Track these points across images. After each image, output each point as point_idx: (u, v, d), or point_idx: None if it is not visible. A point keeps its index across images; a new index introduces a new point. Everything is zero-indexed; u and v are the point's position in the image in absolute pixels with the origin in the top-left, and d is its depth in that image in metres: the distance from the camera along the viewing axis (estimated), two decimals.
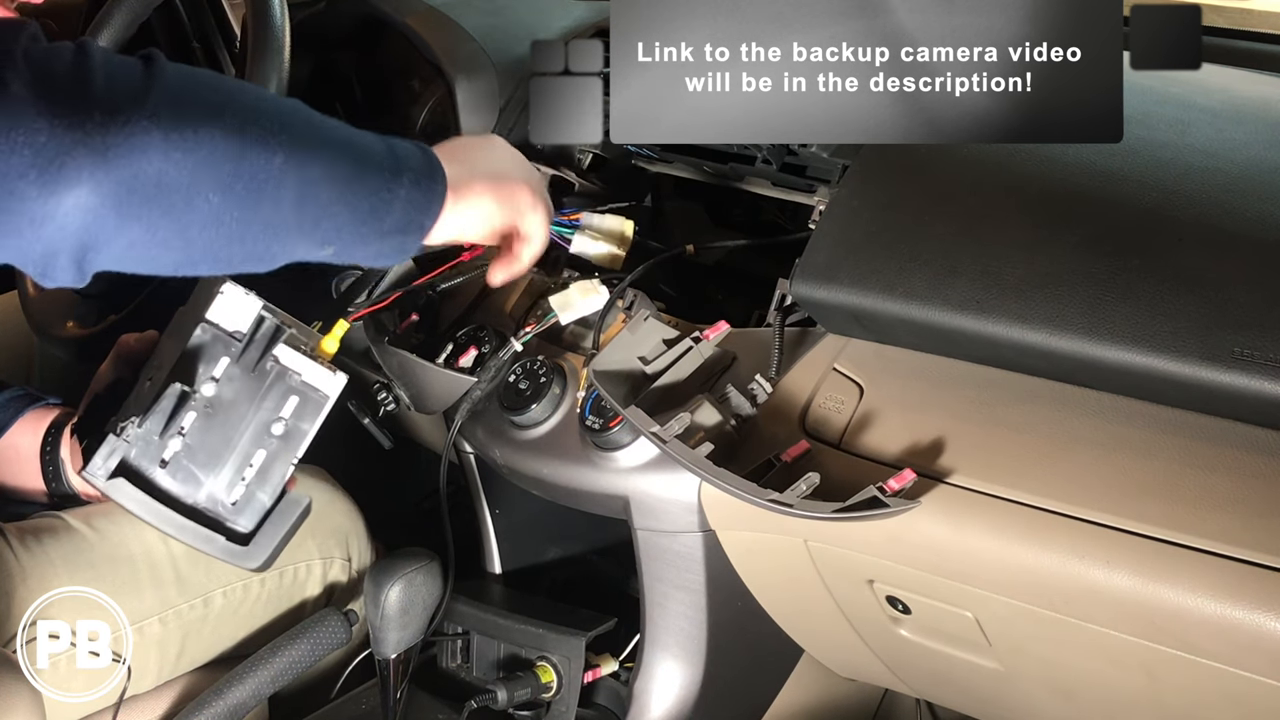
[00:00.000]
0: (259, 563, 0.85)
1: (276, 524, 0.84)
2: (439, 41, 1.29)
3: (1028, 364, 0.86)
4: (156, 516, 0.83)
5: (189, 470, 0.83)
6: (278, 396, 0.83)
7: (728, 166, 1.10)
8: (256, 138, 0.71)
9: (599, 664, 1.13)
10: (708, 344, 0.95)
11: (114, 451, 0.80)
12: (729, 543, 1.01)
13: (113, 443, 0.80)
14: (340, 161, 0.75)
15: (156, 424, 0.81)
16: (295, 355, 0.83)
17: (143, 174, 0.66)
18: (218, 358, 0.82)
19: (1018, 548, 0.81)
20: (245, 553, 0.84)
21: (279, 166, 0.71)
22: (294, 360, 0.83)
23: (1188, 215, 0.82)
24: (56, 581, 1.02)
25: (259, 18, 1.08)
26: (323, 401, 0.84)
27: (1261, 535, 0.74)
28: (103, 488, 0.81)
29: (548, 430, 1.05)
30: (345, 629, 1.06)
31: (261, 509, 0.84)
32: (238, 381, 0.83)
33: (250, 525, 0.84)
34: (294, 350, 0.83)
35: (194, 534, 0.83)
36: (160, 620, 1.08)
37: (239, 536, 0.84)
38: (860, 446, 0.89)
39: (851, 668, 1.19)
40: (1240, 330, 0.75)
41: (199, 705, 1.00)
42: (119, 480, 0.81)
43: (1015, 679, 0.96)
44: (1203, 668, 0.78)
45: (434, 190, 0.80)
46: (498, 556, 1.25)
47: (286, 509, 0.85)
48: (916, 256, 0.87)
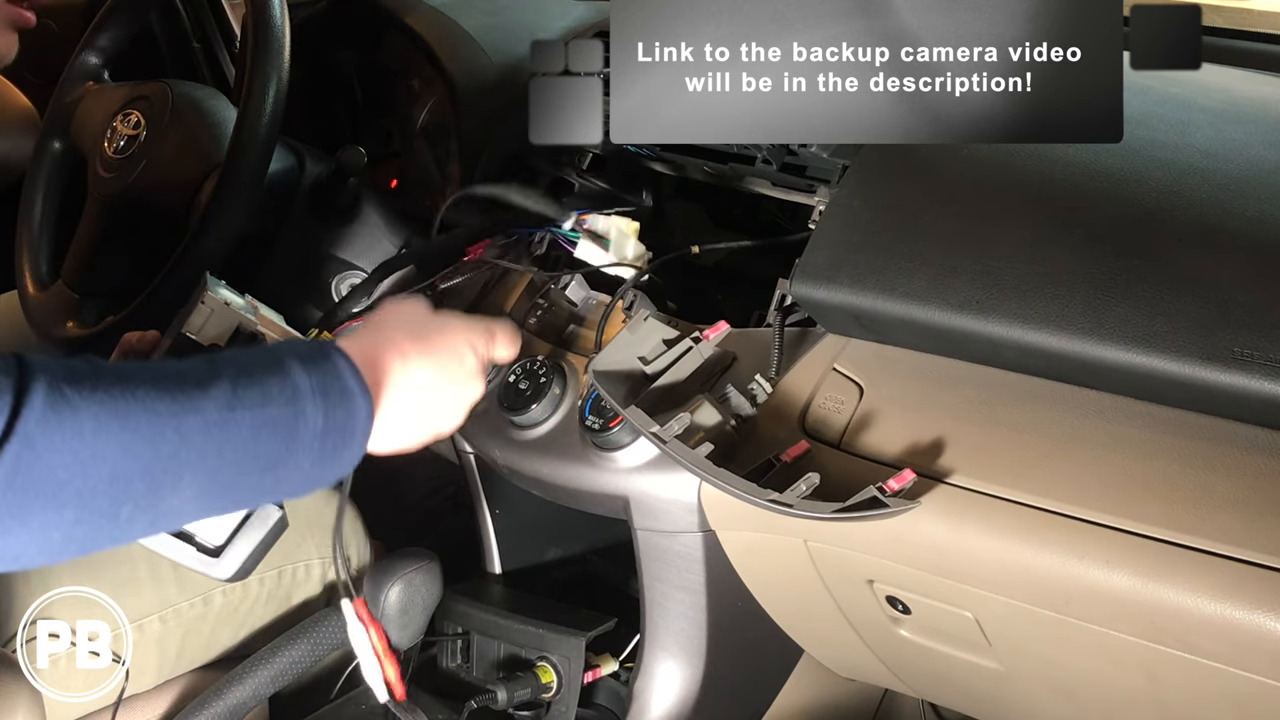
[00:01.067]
0: (230, 574, 0.85)
1: (248, 535, 0.85)
2: (439, 41, 1.29)
3: (1028, 364, 0.86)
4: None
5: None
6: None
7: (728, 166, 1.10)
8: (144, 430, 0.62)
9: (599, 664, 1.13)
10: (708, 344, 0.95)
11: None
12: (729, 543, 1.01)
13: None
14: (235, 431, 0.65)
15: None
16: None
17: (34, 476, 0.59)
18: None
19: (1018, 548, 0.81)
20: (216, 563, 0.84)
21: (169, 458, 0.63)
22: None
23: (1188, 215, 0.82)
24: (56, 581, 1.02)
25: (259, 18, 1.08)
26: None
27: (1261, 535, 0.74)
28: None
29: (548, 430, 1.05)
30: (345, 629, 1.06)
31: (232, 521, 0.84)
32: None
33: (220, 539, 0.84)
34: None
35: (163, 544, 0.83)
36: (160, 619, 1.08)
37: (209, 549, 0.84)
38: (860, 446, 0.89)
39: (851, 668, 1.19)
40: (1240, 330, 0.75)
41: (199, 705, 1.00)
42: None
43: (1015, 679, 0.96)
44: (1203, 668, 0.78)
45: (351, 422, 0.71)
46: (498, 556, 1.25)
47: (258, 521, 0.85)
48: (916, 256, 0.87)
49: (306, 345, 0.72)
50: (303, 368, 0.69)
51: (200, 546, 0.84)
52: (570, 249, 1.04)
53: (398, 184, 1.39)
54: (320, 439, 0.68)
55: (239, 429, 0.65)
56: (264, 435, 0.66)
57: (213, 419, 0.64)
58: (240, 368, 0.67)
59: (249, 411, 0.65)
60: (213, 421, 0.64)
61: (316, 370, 0.69)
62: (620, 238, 1.04)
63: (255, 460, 0.66)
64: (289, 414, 0.67)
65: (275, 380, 0.67)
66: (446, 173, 1.32)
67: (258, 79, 1.04)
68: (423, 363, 0.78)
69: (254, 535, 0.85)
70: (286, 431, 0.67)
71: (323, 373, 0.69)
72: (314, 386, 0.68)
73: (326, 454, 0.69)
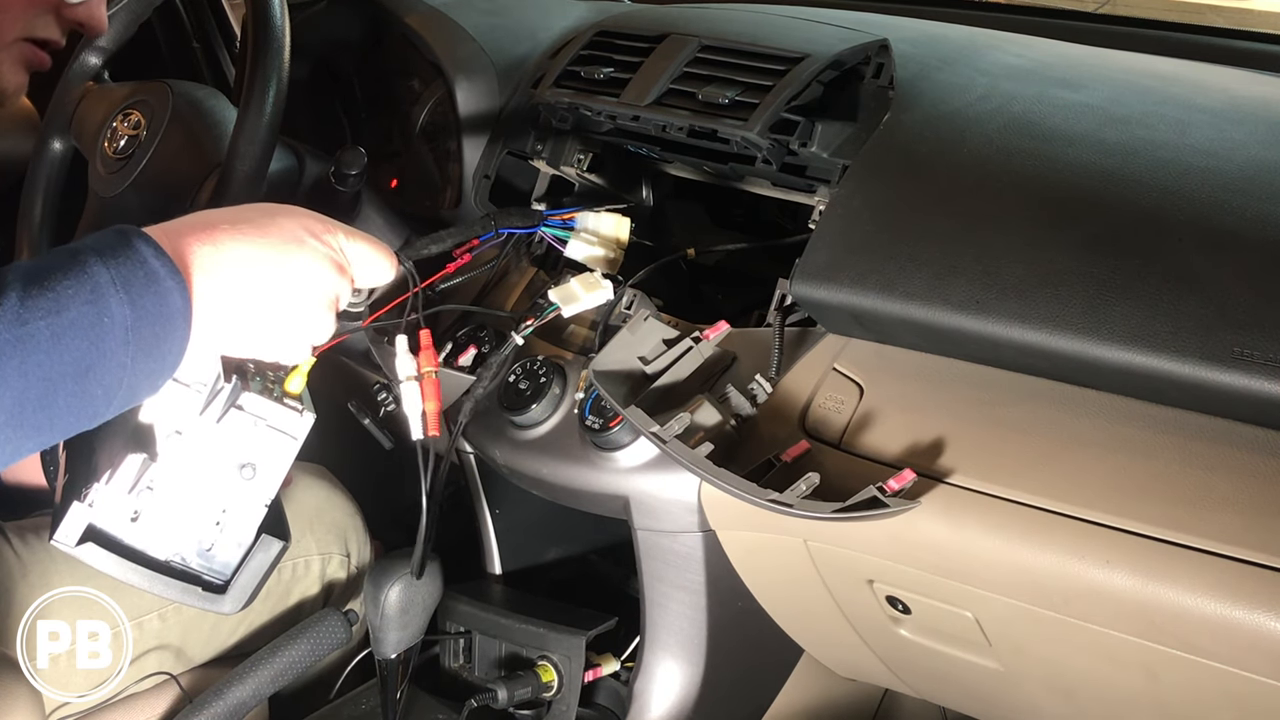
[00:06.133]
0: (236, 608, 0.85)
1: (253, 568, 0.84)
2: (439, 41, 1.29)
3: (1028, 364, 0.86)
4: (130, 575, 0.82)
5: (160, 523, 0.82)
6: (245, 442, 0.82)
7: (728, 166, 1.10)
8: None
9: (600, 663, 1.13)
10: (708, 344, 0.95)
11: (80, 519, 0.80)
12: (729, 543, 1.01)
13: (78, 510, 0.80)
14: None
15: (124, 482, 0.80)
16: (260, 400, 0.82)
17: None
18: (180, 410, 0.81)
19: (1017, 547, 0.81)
20: (221, 599, 0.84)
21: None
22: (259, 406, 0.82)
23: (1188, 215, 0.82)
24: (57, 580, 1.02)
25: (259, 18, 1.07)
26: (291, 444, 0.84)
27: (1261, 535, 0.74)
28: (73, 554, 0.81)
29: (548, 430, 1.05)
30: (345, 629, 1.06)
31: (236, 555, 0.84)
32: (203, 431, 0.82)
33: (227, 573, 0.84)
34: (258, 396, 0.82)
35: (169, 587, 0.83)
36: (160, 616, 1.08)
37: (215, 585, 0.84)
38: (860, 446, 0.89)
39: (851, 668, 1.19)
40: (1240, 330, 0.75)
41: (199, 705, 1.00)
42: (89, 545, 0.80)
43: (1015, 679, 0.96)
44: (1203, 668, 0.78)
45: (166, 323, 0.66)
46: (498, 556, 1.25)
47: (261, 551, 0.85)
48: (916, 256, 0.87)
49: (104, 236, 0.66)
50: (100, 261, 0.64)
51: (206, 584, 0.84)
52: (560, 248, 1.04)
53: (398, 184, 1.39)
54: (132, 331, 0.64)
55: (36, 342, 0.61)
56: (66, 340, 0.62)
57: (3, 338, 0.60)
58: (30, 275, 0.62)
59: (44, 321, 0.61)
60: (4, 340, 0.60)
61: (115, 260, 0.64)
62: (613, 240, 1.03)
63: (64, 368, 0.62)
64: (91, 313, 0.63)
65: (71, 280, 0.63)
66: (446, 173, 1.32)
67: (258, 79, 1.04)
68: (238, 242, 0.71)
69: (258, 567, 0.85)
70: (91, 331, 0.63)
71: (122, 261, 0.64)
72: (114, 278, 0.64)
73: (146, 346, 0.65)
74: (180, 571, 0.83)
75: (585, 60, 1.15)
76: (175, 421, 0.81)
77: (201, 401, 0.80)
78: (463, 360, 1.09)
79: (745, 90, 1.03)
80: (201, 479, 0.82)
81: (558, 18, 1.33)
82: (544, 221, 1.01)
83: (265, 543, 0.85)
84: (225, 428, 0.82)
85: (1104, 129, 0.91)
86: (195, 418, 0.81)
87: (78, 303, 0.62)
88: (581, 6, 1.39)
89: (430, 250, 1.00)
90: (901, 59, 1.03)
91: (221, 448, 0.82)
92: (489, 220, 0.99)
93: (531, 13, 1.36)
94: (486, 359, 1.07)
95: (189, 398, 0.80)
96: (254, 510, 0.84)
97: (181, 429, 0.81)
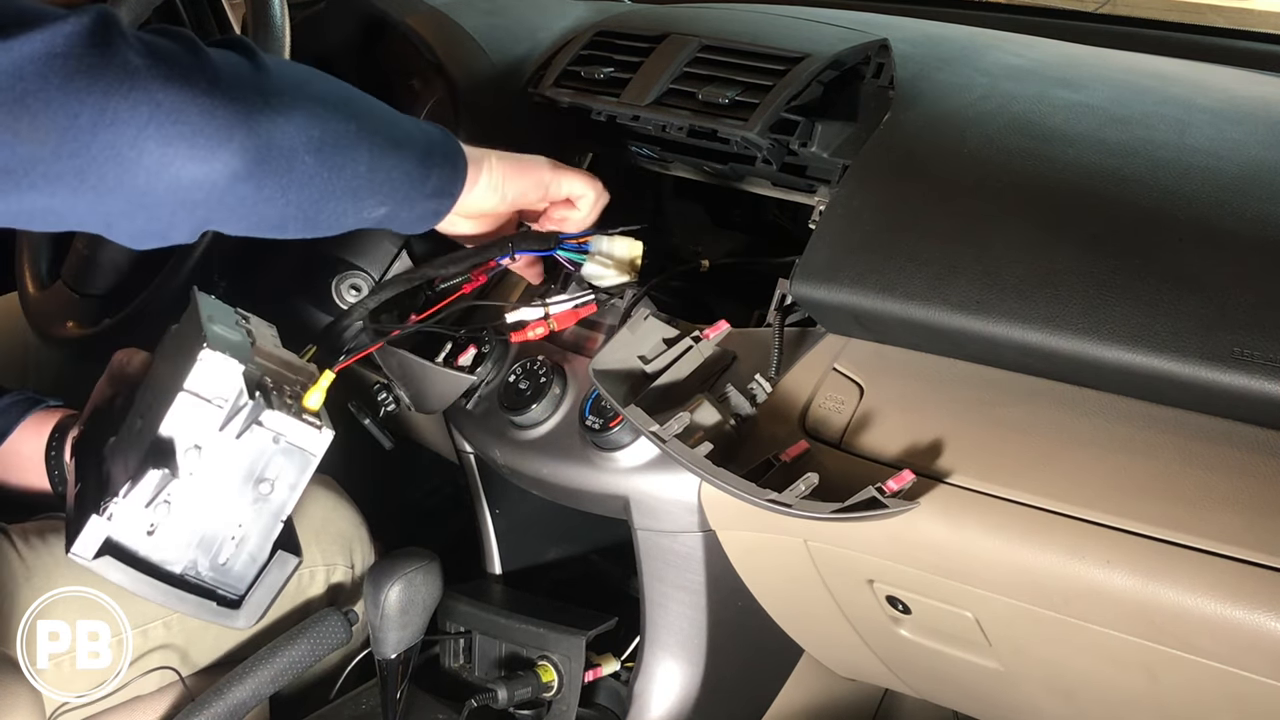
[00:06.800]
0: (250, 623, 0.85)
1: (268, 583, 0.84)
2: (439, 41, 1.29)
3: (1028, 364, 0.86)
4: (146, 589, 0.82)
5: (177, 538, 0.82)
6: (263, 458, 0.82)
7: (727, 166, 1.10)
8: (334, 106, 0.81)
9: (600, 663, 1.13)
10: (708, 343, 0.95)
11: (98, 532, 0.80)
12: (729, 543, 1.01)
13: (96, 523, 0.80)
14: (393, 130, 0.86)
15: (142, 496, 0.80)
16: (280, 417, 0.82)
17: (271, 140, 0.75)
18: (200, 426, 0.81)
19: (1017, 547, 0.81)
20: (235, 614, 0.85)
21: (354, 132, 0.81)
22: (278, 422, 0.82)
23: (1188, 215, 0.82)
24: (61, 582, 1.02)
25: (259, 18, 1.08)
26: (309, 460, 0.84)
27: (1261, 535, 0.74)
28: (89, 567, 0.81)
29: (548, 430, 1.05)
30: (345, 629, 1.06)
31: (252, 571, 0.84)
32: (222, 447, 0.81)
33: (242, 588, 0.84)
34: (278, 413, 0.82)
35: (184, 602, 0.83)
36: (165, 624, 1.08)
37: (230, 600, 0.84)
38: (860, 446, 0.89)
39: (851, 668, 1.19)
40: (1240, 330, 0.75)
41: (199, 705, 1.00)
42: (106, 559, 0.80)
43: (1015, 679, 0.96)
44: (1203, 668, 0.78)
45: (459, 160, 0.91)
46: (498, 556, 1.25)
47: (277, 568, 0.85)
48: (916, 256, 0.87)
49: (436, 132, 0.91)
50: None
51: (221, 599, 0.84)
52: (574, 269, 1.04)
53: None
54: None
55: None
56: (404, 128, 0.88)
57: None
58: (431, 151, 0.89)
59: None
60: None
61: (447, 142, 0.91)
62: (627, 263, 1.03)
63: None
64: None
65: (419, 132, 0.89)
66: None
67: None
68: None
69: (273, 583, 0.85)
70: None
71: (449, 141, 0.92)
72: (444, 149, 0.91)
73: (446, 172, 0.91)
74: (195, 586, 0.84)
75: (585, 60, 1.15)
76: (195, 436, 0.81)
77: (222, 417, 0.80)
78: (463, 360, 1.09)
79: (745, 90, 1.03)
80: (219, 494, 0.82)
81: (558, 18, 1.33)
82: (560, 244, 1.01)
83: (281, 559, 0.85)
84: (245, 444, 0.82)
85: (1104, 129, 0.91)
86: (215, 433, 0.81)
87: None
88: (581, 6, 1.39)
89: (449, 271, 1.03)
90: (901, 59, 1.03)
91: (240, 463, 0.82)
92: (506, 243, 1.00)
93: (531, 13, 1.36)
94: (486, 358, 1.07)
95: (210, 413, 0.80)
96: (270, 526, 0.84)
97: (201, 444, 0.81)
